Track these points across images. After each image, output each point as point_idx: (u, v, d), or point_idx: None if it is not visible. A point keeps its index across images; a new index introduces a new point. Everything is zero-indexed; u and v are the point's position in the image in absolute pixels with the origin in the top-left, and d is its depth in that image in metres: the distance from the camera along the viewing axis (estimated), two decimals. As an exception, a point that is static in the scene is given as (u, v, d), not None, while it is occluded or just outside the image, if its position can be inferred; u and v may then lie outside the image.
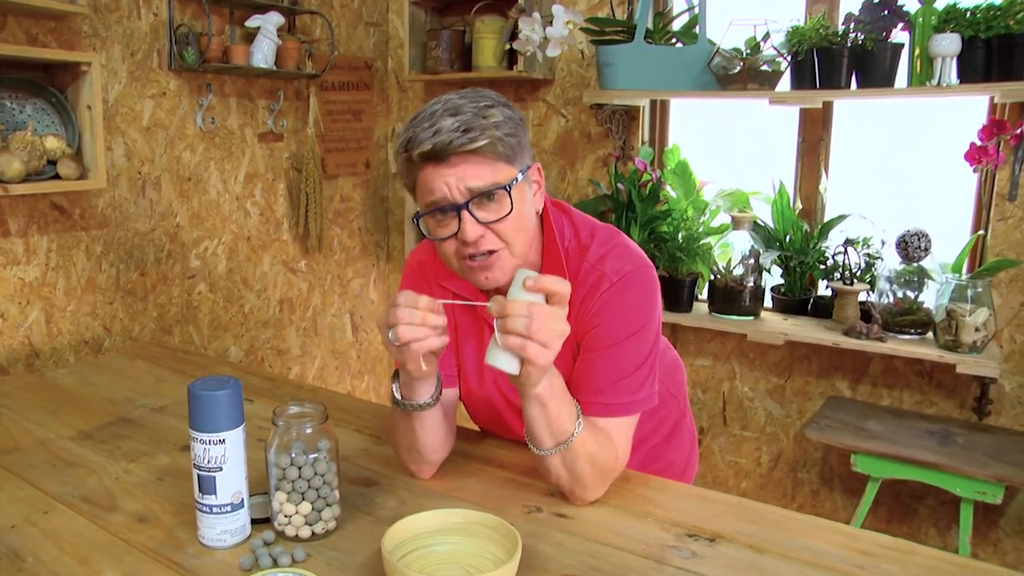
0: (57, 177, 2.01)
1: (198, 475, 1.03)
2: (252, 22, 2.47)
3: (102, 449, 1.37)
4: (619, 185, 2.57)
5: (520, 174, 1.10)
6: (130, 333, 2.39)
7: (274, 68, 2.53)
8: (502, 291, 1.09)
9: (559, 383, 1.07)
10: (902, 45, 2.16)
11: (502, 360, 0.98)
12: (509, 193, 1.07)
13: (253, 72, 2.54)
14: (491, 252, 1.11)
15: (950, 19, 2.05)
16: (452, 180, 1.06)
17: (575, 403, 1.11)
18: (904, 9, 2.13)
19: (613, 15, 2.62)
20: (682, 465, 1.53)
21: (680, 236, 2.58)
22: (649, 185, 2.55)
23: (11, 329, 2.11)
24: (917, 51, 2.11)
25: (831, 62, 2.20)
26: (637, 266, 1.21)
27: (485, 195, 1.07)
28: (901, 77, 2.18)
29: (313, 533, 1.07)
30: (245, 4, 2.51)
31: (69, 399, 1.63)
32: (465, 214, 1.07)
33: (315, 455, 1.06)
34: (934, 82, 2.07)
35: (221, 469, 1.02)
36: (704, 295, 2.67)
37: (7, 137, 1.93)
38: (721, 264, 2.50)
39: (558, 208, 1.26)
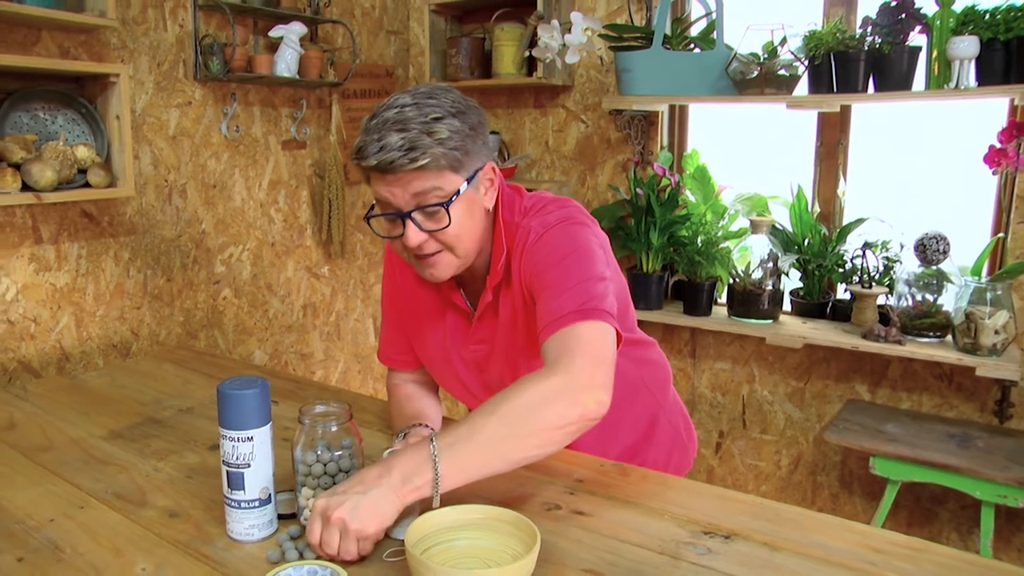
0: (87, 185, 2.06)
1: (227, 471, 1.06)
2: (275, 32, 2.52)
3: (132, 448, 1.41)
4: (638, 190, 2.59)
5: (466, 183, 1.15)
6: (157, 337, 2.45)
7: (297, 77, 2.58)
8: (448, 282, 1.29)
9: (445, 452, 1.04)
10: (919, 48, 2.16)
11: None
12: (447, 210, 1.13)
13: (276, 81, 2.59)
14: (434, 253, 1.18)
15: (968, 21, 2.05)
16: (397, 190, 1.13)
17: (468, 436, 1.05)
18: (921, 12, 2.13)
19: (631, 21, 2.65)
20: (662, 463, 1.51)
21: (699, 240, 2.59)
22: (668, 190, 2.57)
23: (43, 333, 2.17)
24: (935, 54, 2.12)
25: (848, 66, 2.21)
26: (562, 218, 1.24)
27: (427, 207, 1.13)
28: (919, 80, 2.19)
29: (337, 528, 1.10)
30: (268, 14, 2.56)
31: (100, 400, 1.67)
32: (409, 222, 1.14)
33: (339, 452, 1.10)
34: (952, 85, 2.07)
35: (249, 465, 1.06)
36: (723, 299, 2.68)
37: (40, 147, 1.99)
38: (740, 268, 2.51)
39: (513, 189, 1.31)
